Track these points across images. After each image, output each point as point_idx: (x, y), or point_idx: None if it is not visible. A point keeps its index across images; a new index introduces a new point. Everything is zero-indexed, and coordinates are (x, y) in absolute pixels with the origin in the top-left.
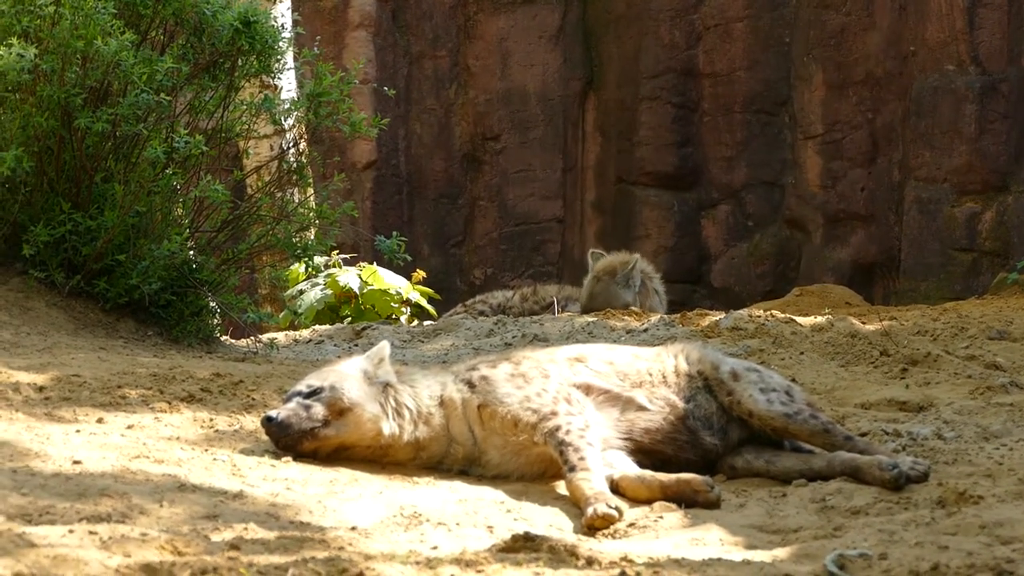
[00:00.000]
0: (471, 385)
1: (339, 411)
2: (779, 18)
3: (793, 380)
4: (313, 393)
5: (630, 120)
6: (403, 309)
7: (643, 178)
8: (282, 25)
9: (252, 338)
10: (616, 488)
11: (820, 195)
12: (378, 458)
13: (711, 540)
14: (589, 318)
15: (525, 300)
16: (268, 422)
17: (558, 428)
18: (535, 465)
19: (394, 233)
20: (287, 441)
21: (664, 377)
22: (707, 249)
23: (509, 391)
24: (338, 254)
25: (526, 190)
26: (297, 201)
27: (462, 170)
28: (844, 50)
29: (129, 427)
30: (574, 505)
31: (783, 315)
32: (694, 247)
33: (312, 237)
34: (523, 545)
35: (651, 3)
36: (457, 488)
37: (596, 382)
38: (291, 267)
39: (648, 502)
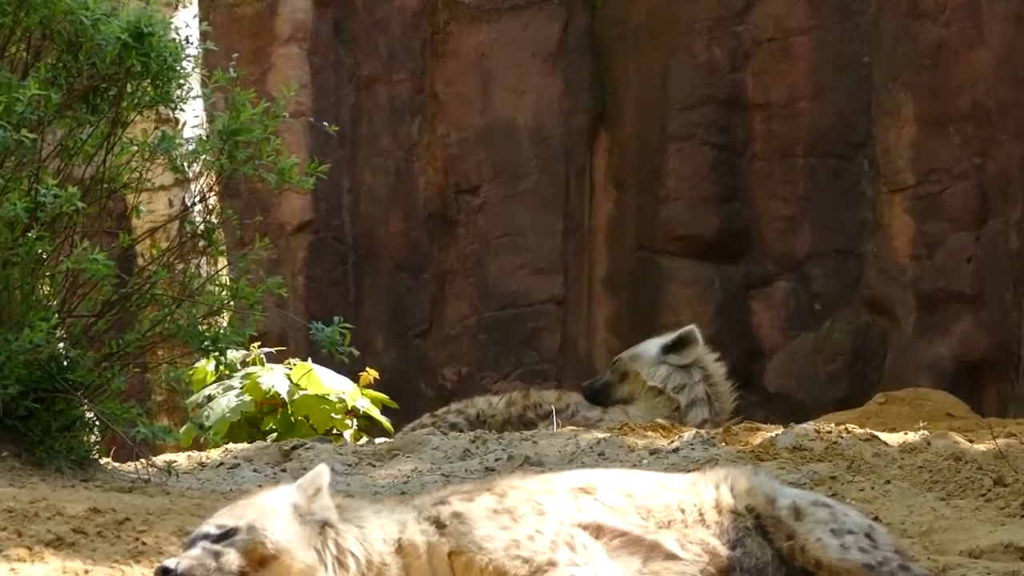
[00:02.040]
0: (440, 525)
1: (260, 560)
2: (853, 30)
3: (876, 519)
4: (225, 535)
5: (655, 167)
6: (348, 421)
7: (672, 245)
8: (186, 39)
9: (142, 461)
10: None
11: (911, 268)
12: None
13: None
14: (599, 434)
15: (513, 408)
16: (164, 574)
17: None
18: None
19: (336, 319)
20: None
21: (701, 514)
22: (759, 341)
23: (491, 533)
24: (260, 347)
25: (514, 261)
26: (205, 276)
27: (428, 234)
28: (943, 73)
29: None
30: None
31: (862, 430)
32: (742, 339)
33: (225, 324)
34: None
35: (682, 10)
36: None
37: (610, 521)
38: (196, 365)
39: None
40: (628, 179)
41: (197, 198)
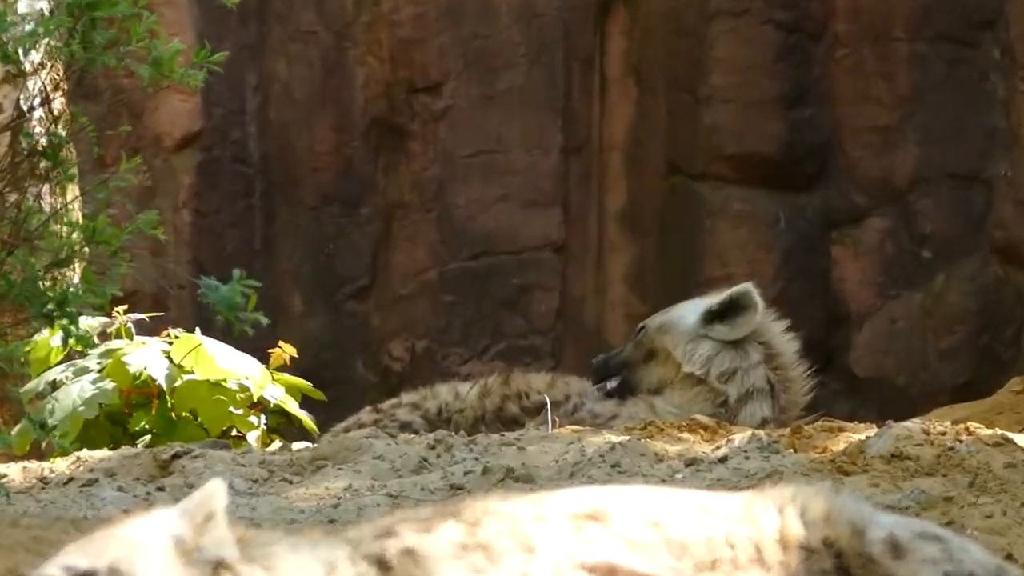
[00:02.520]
0: (384, 566)
1: None
2: None
3: (1009, 557)
4: None
5: (693, 55)
6: (253, 419)
7: (718, 166)
8: None
9: None
10: None
11: None
12: None
13: None
14: (613, 437)
15: (490, 400)
16: None
17: None
18: None
19: (236, 273)
20: None
21: (759, 551)
22: (844, 304)
23: None
24: (127, 313)
25: (492, 190)
26: (48, 211)
27: (368, 151)
28: None
29: None
30: None
31: (991, 431)
32: (819, 301)
33: (77, 280)
34: None
35: None
36: None
37: (628, 561)
38: (35, 338)
39: None
40: (655, 73)
41: (37, 100)
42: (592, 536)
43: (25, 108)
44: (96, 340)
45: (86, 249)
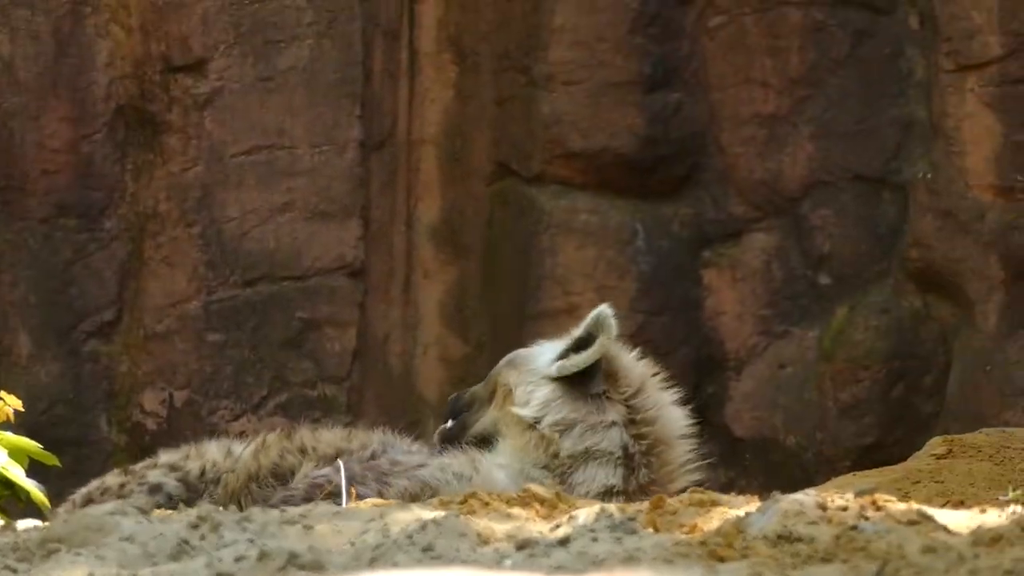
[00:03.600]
0: None
1: None
2: None
3: None
4: None
5: (528, 24)
6: None
7: (560, 167)
8: None
9: None
10: None
11: (997, 208)
12: None
13: None
14: (427, 512)
15: (266, 457)
16: None
17: None
18: None
19: None
20: None
21: None
22: (718, 343)
23: None
24: None
25: (272, 196)
26: None
27: (113, 148)
28: None
29: None
30: None
31: (904, 505)
32: (687, 337)
33: None
34: None
35: None
36: None
37: None
38: None
39: None
40: (478, 47)
41: None
42: None
43: None
44: None
45: None
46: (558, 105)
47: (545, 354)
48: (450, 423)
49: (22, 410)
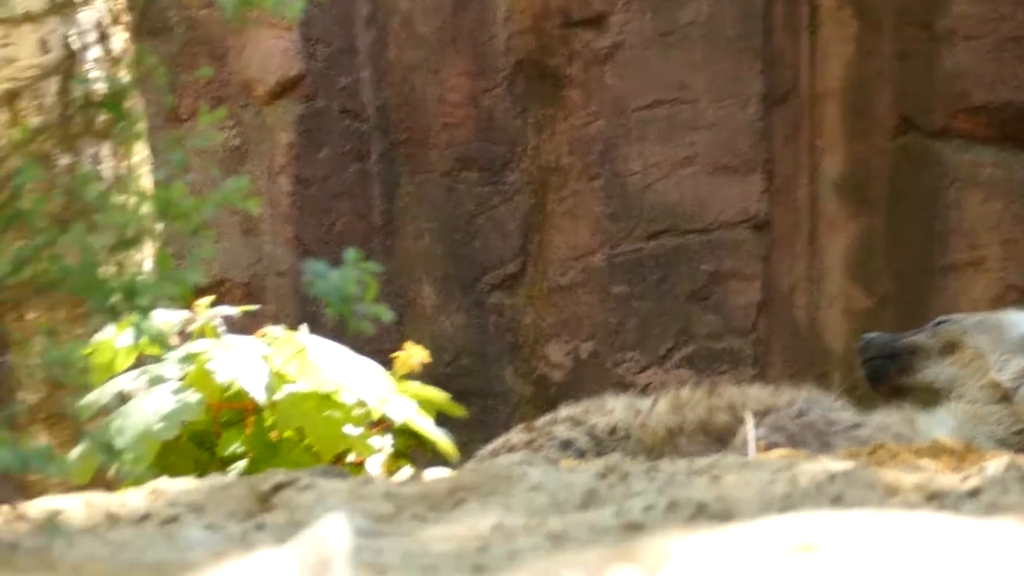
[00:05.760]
0: None
1: None
2: None
3: None
4: None
5: None
6: (374, 440)
7: (963, 120)
8: None
9: (7, 510)
10: None
11: None
12: None
13: None
14: (834, 464)
15: (692, 412)
16: None
17: None
18: None
19: (349, 254)
20: None
21: None
22: None
23: None
24: (214, 307)
25: (675, 150)
26: (111, 177)
27: (515, 101)
28: None
29: None
30: None
31: None
32: None
33: (148, 264)
34: None
35: None
36: None
37: None
38: (97, 337)
39: None
40: (878, 2)
41: (92, 36)
42: (802, 574)
43: (77, 47)
44: (175, 341)
45: (159, 226)
46: (960, 60)
47: (1020, 325)
48: (890, 363)
49: (429, 361)
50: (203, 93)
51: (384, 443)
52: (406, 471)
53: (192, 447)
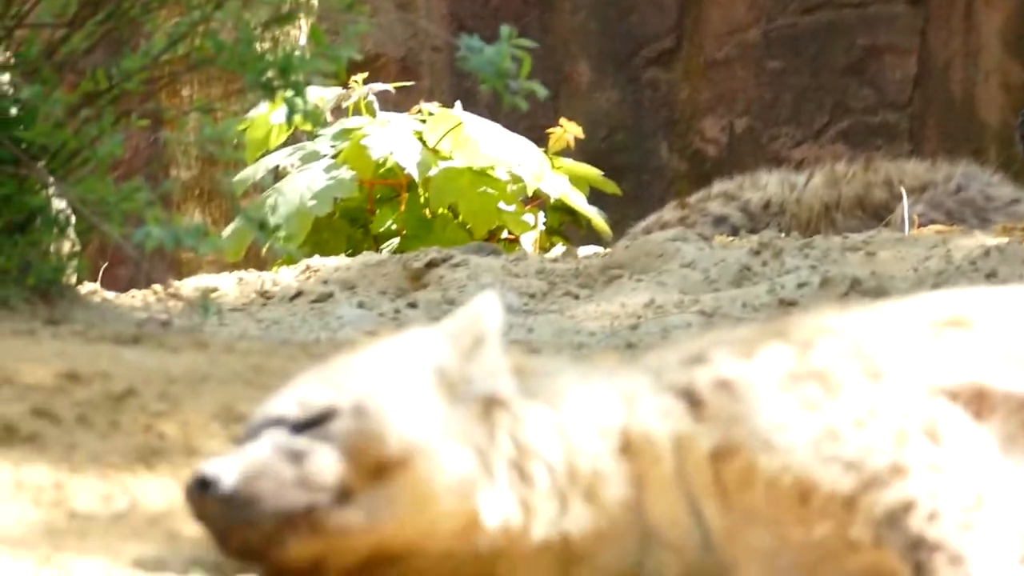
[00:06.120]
0: (695, 401)
1: (375, 467)
2: None
3: None
4: (314, 422)
5: None
6: (528, 217)
7: None
8: None
9: (156, 288)
10: None
11: None
12: None
13: None
14: (989, 239)
15: (847, 187)
16: (202, 489)
17: (909, 507)
18: None
19: (504, 30)
20: (249, 536)
21: None
22: None
23: (786, 417)
24: (368, 83)
25: None
26: None
27: None
28: None
29: None
30: None
31: None
32: None
33: (303, 39)
34: None
35: None
36: None
37: (1002, 381)
38: (252, 114)
39: None
40: None
41: None
42: (955, 348)
43: None
44: (329, 117)
45: (314, 0)
46: None
47: None
48: None
49: (582, 137)
50: None
51: (538, 220)
52: (559, 248)
53: (345, 224)
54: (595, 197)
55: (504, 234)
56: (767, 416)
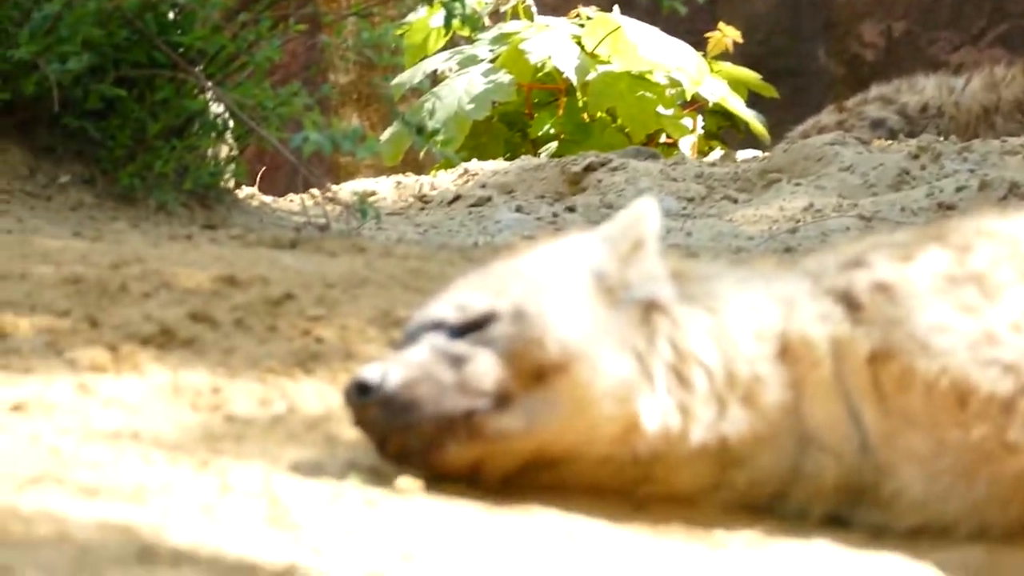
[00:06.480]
0: (853, 305)
1: (535, 371)
2: None
3: None
4: (473, 326)
5: None
6: (686, 121)
7: None
8: None
9: (314, 193)
10: None
11: None
12: (629, 486)
13: None
14: None
15: (1008, 89)
16: (361, 393)
17: None
18: (1017, 503)
19: None
20: (408, 441)
21: None
22: None
23: (944, 320)
24: None
25: None
26: None
27: None
28: None
29: (17, 408)
30: None
31: None
32: None
33: None
34: None
35: None
36: (834, 567)
37: None
38: (410, 19)
39: None
40: None
41: None
42: None
43: None
44: (487, 21)
45: None
46: None
47: None
48: None
49: (740, 41)
50: None
51: (696, 124)
52: (717, 152)
53: (503, 128)
54: (753, 101)
55: (662, 138)
56: (925, 319)
